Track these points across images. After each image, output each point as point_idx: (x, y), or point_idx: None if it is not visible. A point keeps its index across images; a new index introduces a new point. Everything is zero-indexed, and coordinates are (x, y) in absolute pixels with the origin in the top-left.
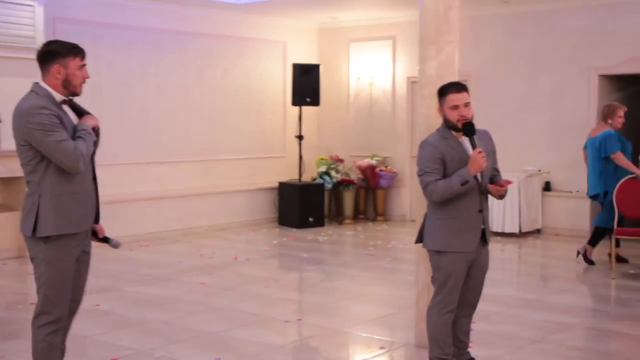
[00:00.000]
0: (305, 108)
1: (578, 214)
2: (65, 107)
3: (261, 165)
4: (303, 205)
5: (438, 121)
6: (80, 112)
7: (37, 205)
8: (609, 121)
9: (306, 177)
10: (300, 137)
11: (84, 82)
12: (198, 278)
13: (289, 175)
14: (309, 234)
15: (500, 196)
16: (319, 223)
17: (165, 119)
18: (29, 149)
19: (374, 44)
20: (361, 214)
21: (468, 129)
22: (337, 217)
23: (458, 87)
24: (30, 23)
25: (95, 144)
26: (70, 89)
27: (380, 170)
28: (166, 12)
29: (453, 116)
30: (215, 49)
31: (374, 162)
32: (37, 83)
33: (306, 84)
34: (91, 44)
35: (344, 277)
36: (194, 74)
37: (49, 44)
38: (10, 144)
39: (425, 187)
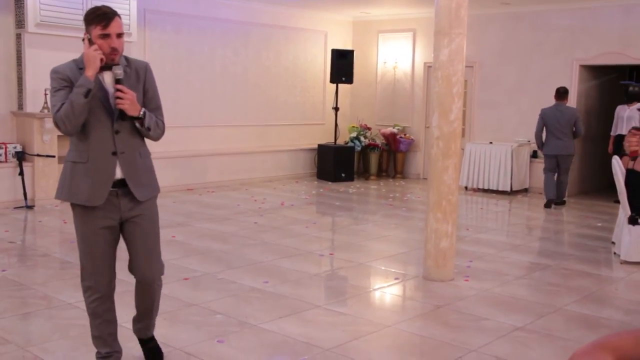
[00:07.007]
0: (341, 85)
1: None
2: (106, 74)
3: (304, 130)
4: (337, 163)
5: (448, 99)
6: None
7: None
8: None
9: (340, 141)
10: (336, 109)
11: (111, 51)
12: (252, 218)
13: (327, 138)
14: (341, 186)
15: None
16: (349, 178)
17: (229, 92)
18: None
19: (398, 35)
20: (384, 172)
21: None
22: (364, 174)
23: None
24: (126, 14)
25: (147, 127)
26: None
27: (400, 137)
28: (232, 6)
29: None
30: (271, 36)
31: (395, 130)
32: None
33: (342, 66)
34: (173, 31)
35: (368, 222)
36: (253, 56)
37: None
38: None
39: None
